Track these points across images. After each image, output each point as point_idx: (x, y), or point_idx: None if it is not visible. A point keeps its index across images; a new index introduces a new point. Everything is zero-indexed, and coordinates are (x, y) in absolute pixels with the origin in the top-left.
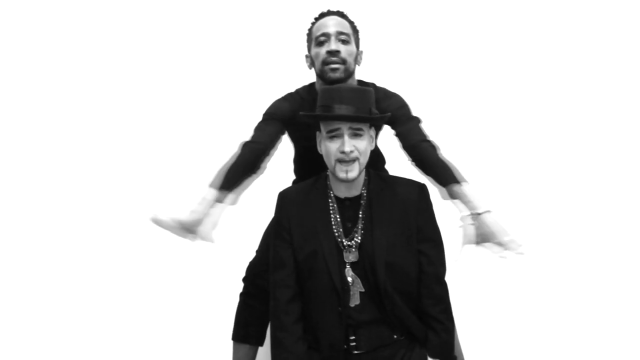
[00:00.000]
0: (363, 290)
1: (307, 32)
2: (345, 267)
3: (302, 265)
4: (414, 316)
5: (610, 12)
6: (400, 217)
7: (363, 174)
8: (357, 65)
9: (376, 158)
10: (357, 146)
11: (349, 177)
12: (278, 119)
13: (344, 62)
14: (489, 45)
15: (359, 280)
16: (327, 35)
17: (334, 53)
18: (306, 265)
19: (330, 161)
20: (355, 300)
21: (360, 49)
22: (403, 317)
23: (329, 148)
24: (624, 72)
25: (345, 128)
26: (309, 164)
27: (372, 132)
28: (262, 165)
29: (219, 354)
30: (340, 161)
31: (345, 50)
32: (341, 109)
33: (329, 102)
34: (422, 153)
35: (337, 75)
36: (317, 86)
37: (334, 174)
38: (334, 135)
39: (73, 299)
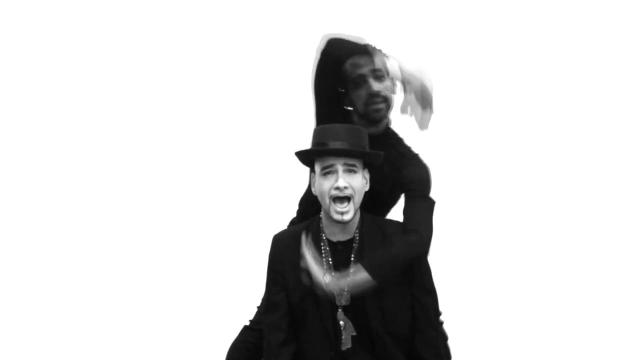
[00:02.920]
0: (355, 333)
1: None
2: (337, 311)
3: (295, 308)
4: None
5: (610, 12)
6: None
7: (357, 216)
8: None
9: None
10: (351, 183)
11: (344, 219)
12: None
13: (385, 99)
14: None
15: (351, 324)
16: (362, 76)
17: (375, 94)
18: (299, 308)
19: (324, 200)
20: (347, 344)
21: (391, 75)
22: None
23: (323, 186)
24: (624, 72)
25: (339, 164)
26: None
27: (367, 173)
28: None
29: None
30: (334, 199)
31: (383, 88)
32: (336, 144)
33: (323, 140)
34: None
35: (381, 114)
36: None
37: (328, 216)
38: (328, 171)
39: (73, 299)
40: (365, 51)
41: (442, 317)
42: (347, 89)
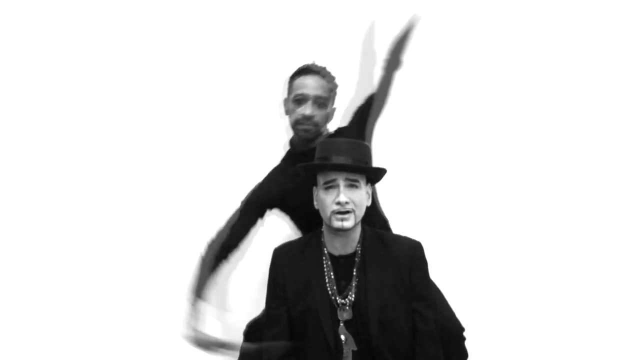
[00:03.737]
0: (356, 348)
1: (287, 80)
2: (339, 325)
3: (296, 322)
4: None
5: (609, 13)
6: (394, 275)
7: (358, 230)
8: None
9: (381, 222)
10: (353, 198)
11: (345, 225)
12: (260, 206)
13: (316, 125)
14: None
15: (352, 339)
16: (305, 97)
17: (308, 118)
18: (300, 322)
19: (325, 213)
20: (348, 359)
21: (335, 105)
22: None
23: (324, 200)
24: (624, 72)
25: (341, 179)
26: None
27: (369, 188)
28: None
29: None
30: (335, 213)
31: (319, 115)
32: (338, 159)
33: (326, 154)
34: None
35: (308, 135)
36: (293, 140)
37: (329, 225)
38: (330, 186)
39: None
40: (317, 72)
41: (465, 334)
42: (288, 98)
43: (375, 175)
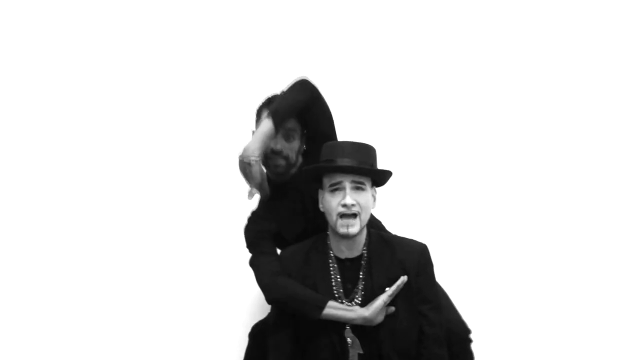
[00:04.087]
0: (362, 351)
1: (257, 108)
2: (345, 328)
3: (302, 326)
4: None
5: (609, 13)
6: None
7: (364, 233)
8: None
9: (375, 226)
10: (359, 200)
11: (350, 232)
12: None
13: (286, 158)
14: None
15: (358, 342)
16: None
17: (277, 152)
18: (306, 326)
19: (331, 216)
20: None
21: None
22: None
23: (330, 202)
24: (624, 73)
25: (347, 181)
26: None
27: (374, 191)
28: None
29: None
30: (341, 216)
31: (288, 148)
32: (344, 162)
33: (331, 156)
34: None
35: (279, 170)
36: (268, 175)
37: (334, 230)
38: (336, 188)
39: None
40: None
41: (471, 336)
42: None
43: (381, 177)
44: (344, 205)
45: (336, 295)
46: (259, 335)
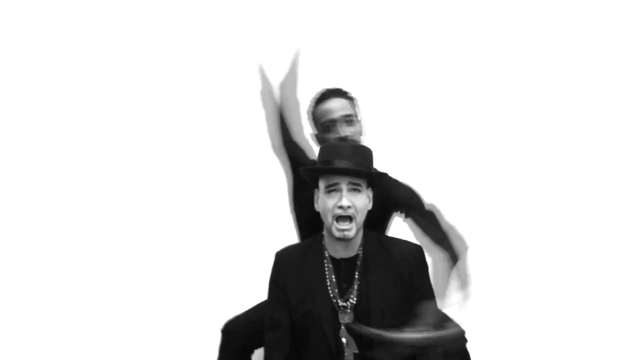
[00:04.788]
0: (357, 351)
1: (309, 113)
2: (340, 328)
3: (297, 326)
4: None
5: (609, 13)
6: (396, 279)
7: (360, 234)
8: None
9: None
10: (355, 202)
11: (346, 235)
12: None
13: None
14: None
15: (354, 342)
16: (333, 121)
17: (344, 139)
18: (301, 326)
19: (327, 217)
20: None
21: (360, 117)
22: None
23: (326, 203)
24: (624, 72)
25: (344, 183)
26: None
27: (370, 192)
28: None
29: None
30: (337, 218)
31: (353, 132)
32: (341, 163)
33: (328, 157)
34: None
35: None
36: None
37: (330, 232)
38: (332, 189)
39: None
40: (333, 94)
41: (466, 336)
42: (317, 130)
43: (377, 179)
44: (340, 207)
45: (331, 295)
46: (232, 332)
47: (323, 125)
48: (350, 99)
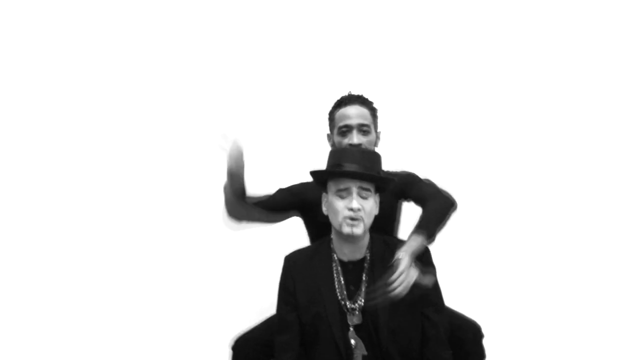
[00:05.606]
0: (366, 353)
1: (329, 113)
2: (349, 330)
3: (307, 328)
4: None
5: (609, 13)
6: None
7: (367, 237)
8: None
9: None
10: (364, 206)
11: (355, 232)
12: (294, 195)
13: None
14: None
15: (362, 343)
16: (349, 127)
17: (355, 146)
18: (310, 328)
19: (337, 219)
20: None
21: (379, 129)
22: None
23: (336, 206)
24: (623, 73)
25: (354, 187)
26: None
27: (377, 197)
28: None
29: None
30: (346, 219)
31: (366, 142)
32: (352, 167)
33: (339, 162)
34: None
35: None
36: None
37: (339, 231)
38: (342, 193)
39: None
40: (355, 101)
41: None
42: (332, 132)
43: (386, 184)
44: (351, 209)
45: (339, 297)
46: (241, 348)
47: (339, 129)
48: (372, 109)
